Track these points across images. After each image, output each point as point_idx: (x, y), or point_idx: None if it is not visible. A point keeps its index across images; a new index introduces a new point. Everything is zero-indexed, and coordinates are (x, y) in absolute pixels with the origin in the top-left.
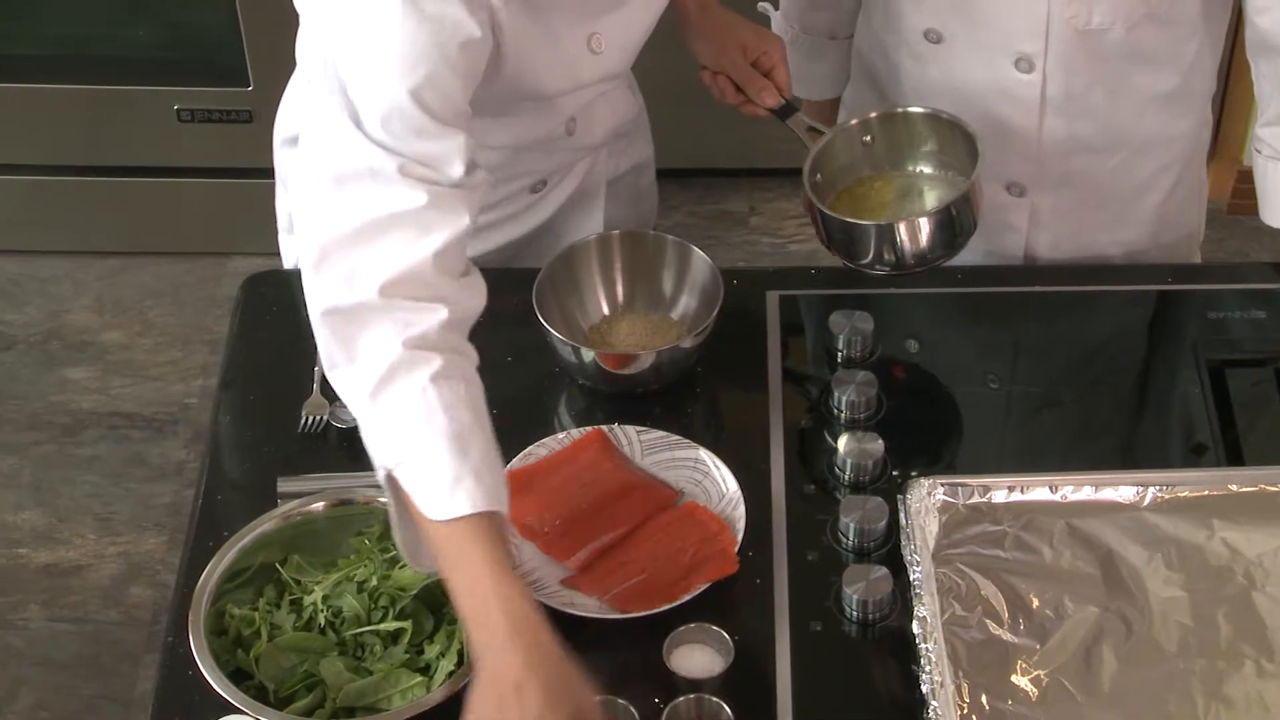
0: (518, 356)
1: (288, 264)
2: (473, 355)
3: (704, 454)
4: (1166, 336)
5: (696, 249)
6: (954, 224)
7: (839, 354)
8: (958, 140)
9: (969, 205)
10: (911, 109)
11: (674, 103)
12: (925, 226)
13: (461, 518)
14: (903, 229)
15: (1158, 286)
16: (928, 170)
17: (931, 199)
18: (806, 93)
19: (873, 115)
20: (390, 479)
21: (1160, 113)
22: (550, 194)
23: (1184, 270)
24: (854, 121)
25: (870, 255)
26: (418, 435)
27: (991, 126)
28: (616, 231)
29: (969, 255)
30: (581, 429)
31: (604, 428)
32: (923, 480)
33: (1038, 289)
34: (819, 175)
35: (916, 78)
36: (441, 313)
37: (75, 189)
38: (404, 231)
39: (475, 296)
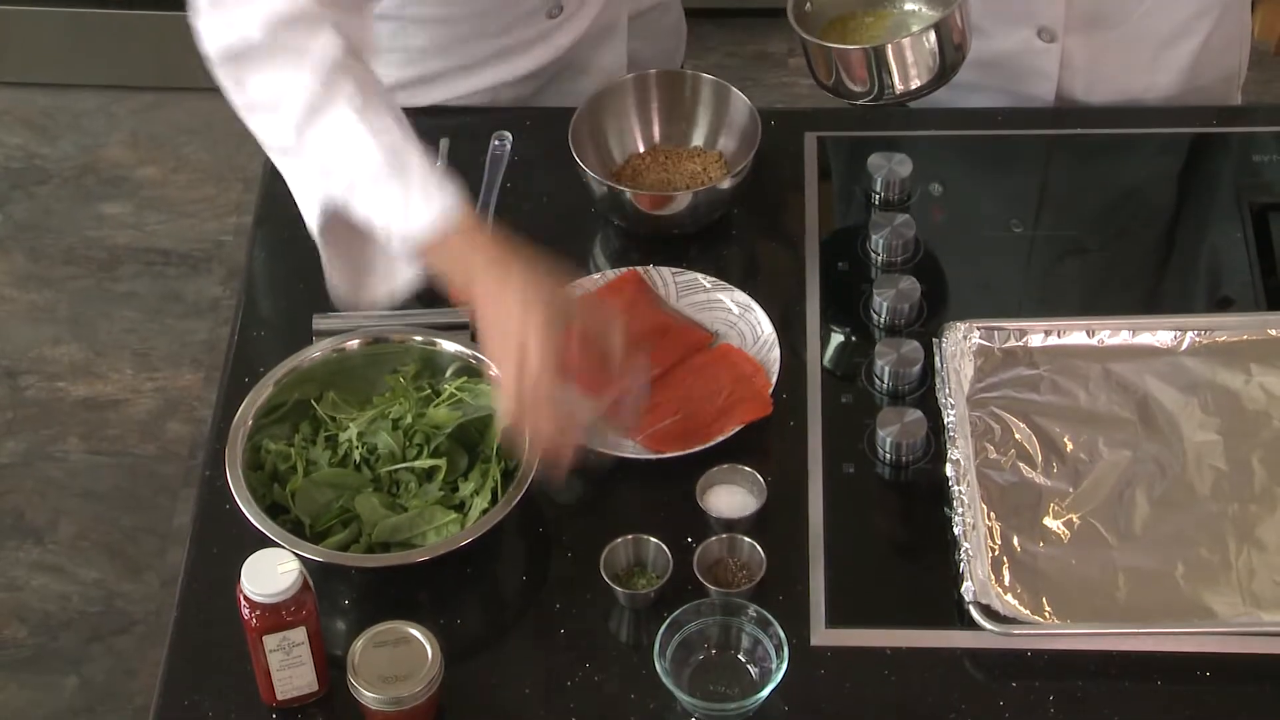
0: (552, 196)
1: None
2: (377, 78)
3: (740, 296)
4: (1208, 180)
5: (735, 89)
6: (940, 51)
7: (876, 196)
8: None
9: (955, 31)
10: None
11: None
12: (907, 52)
13: (434, 225)
14: (889, 53)
15: (1200, 129)
16: (923, 9)
17: None
18: None
19: None
20: (327, 219)
21: None
22: (568, 23)
23: (1228, 112)
24: None
25: (854, 84)
26: (359, 161)
27: None
28: (653, 71)
29: (1004, 99)
30: (616, 270)
31: (639, 269)
32: (959, 324)
33: (1073, 132)
34: (809, 5)
35: None
36: (336, 39)
37: (109, 21)
38: None
39: (366, 28)
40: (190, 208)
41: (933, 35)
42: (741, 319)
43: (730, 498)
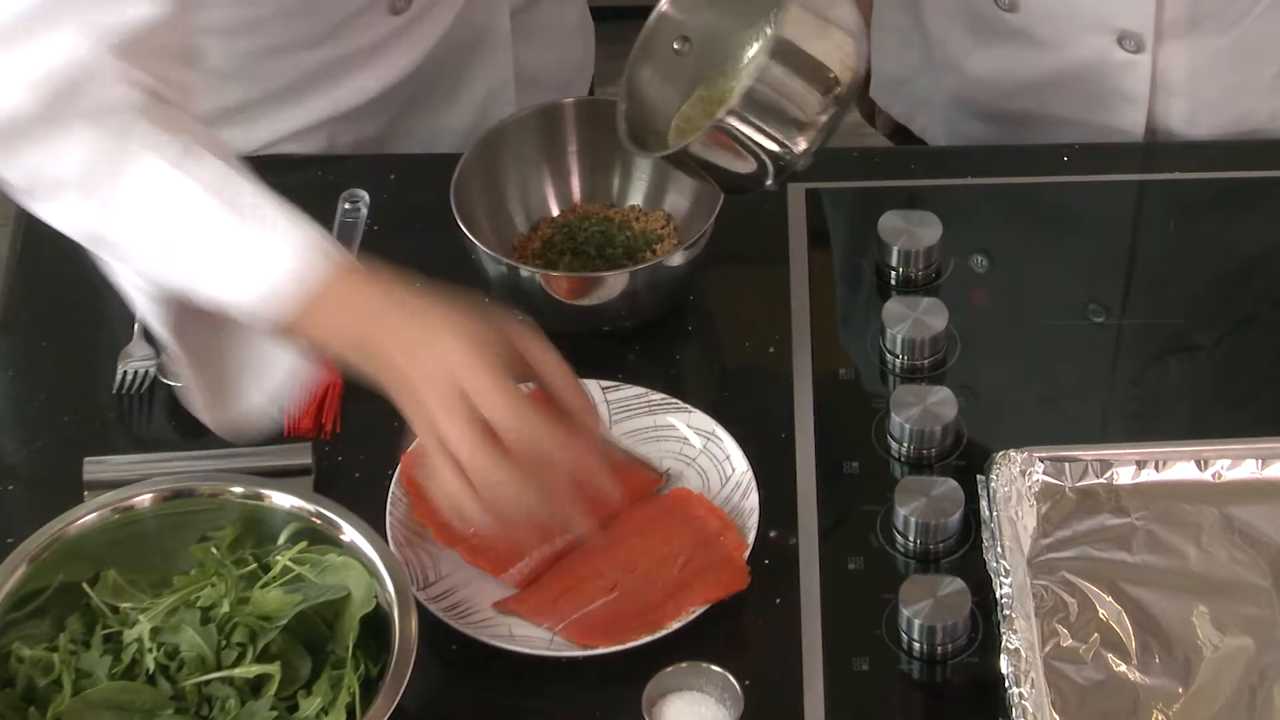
0: (429, 279)
1: None
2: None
3: (700, 419)
4: None
5: None
6: (812, 82)
7: (893, 273)
8: None
9: (807, 46)
10: None
11: None
12: (738, 125)
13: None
14: (735, 124)
15: None
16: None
17: None
18: None
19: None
20: (173, 315)
21: None
22: (420, 22)
23: None
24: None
25: (729, 179)
26: (176, 219)
27: None
28: (570, 100)
29: (1073, 131)
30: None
31: None
32: (1014, 453)
33: (1171, 177)
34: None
35: None
36: (133, 90)
37: None
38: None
39: (184, 78)
40: None
41: (775, 67)
42: (704, 452)
43: (692, 710)
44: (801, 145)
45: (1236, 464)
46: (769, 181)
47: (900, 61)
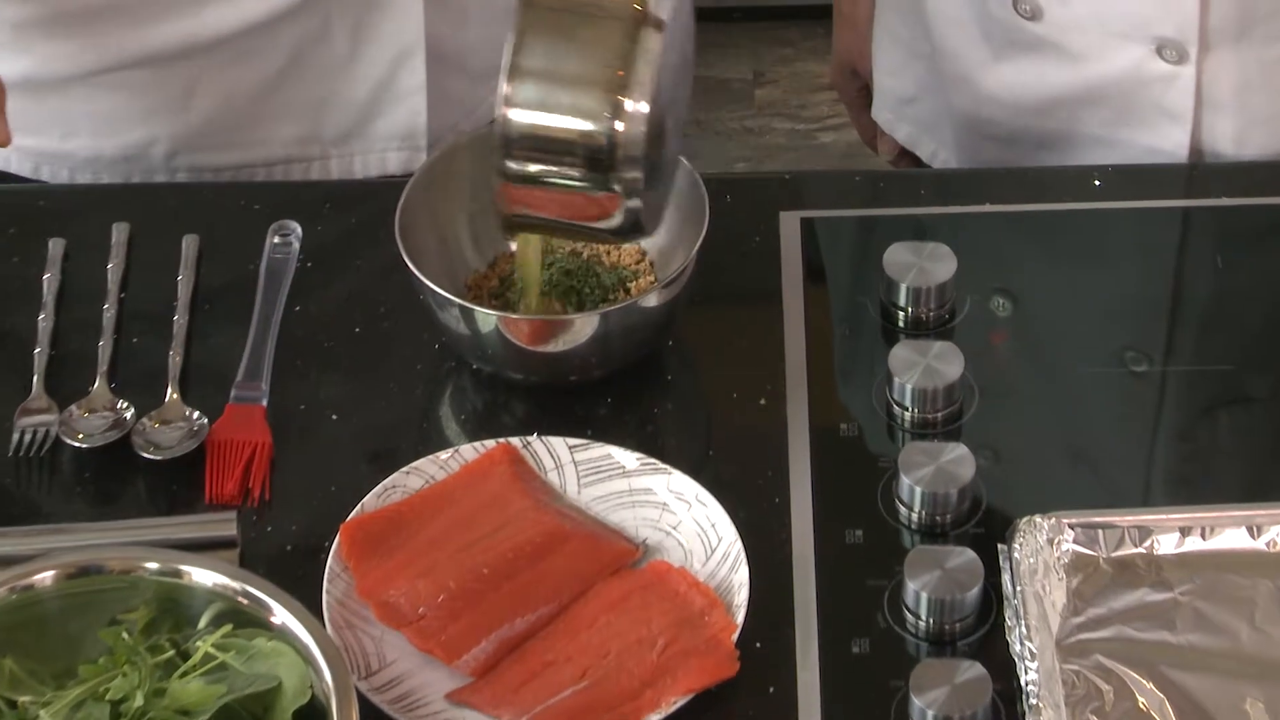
0: (372, 323)
1: None
2: None
3: (681, 482)
4: None
5: None
6: (580, 86)
7: (900, 314)
8: None
9: (555, 61)
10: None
11: None
12: (516, 170)
13: None
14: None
15: None
16: None
17: None
18: None
19: None
20: None
21: None
22: None
23: None
24: None
25: (596, 234)
26: None
27: None
28: None
29: (1107, 152)
30: (479, 444)
31: (516, 441)
32: (1040, 520)
33: (1218, 203)
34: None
35: None
36: None
37: None
38: None
39: None
40: None
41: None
42: (685, 520)
43: None
44: (625, 167)
45: None
46: (621, 221)
47: (905, 77)
